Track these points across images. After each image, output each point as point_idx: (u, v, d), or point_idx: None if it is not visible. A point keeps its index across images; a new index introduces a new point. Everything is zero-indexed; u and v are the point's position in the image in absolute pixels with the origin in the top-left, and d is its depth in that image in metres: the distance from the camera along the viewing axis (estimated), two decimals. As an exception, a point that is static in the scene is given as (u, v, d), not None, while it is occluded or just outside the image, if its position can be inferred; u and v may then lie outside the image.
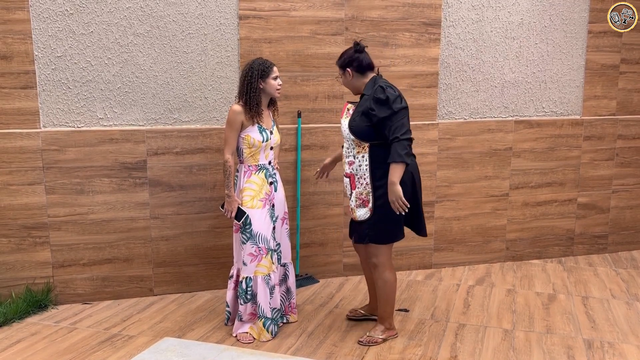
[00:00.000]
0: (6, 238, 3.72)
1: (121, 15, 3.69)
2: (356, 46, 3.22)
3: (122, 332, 3.47)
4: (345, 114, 3.28)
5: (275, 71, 3.30)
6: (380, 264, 3.24)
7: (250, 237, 3.30)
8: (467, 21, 4.34)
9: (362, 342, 3.32)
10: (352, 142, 3.19)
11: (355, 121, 3.14)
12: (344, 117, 3.27)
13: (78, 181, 3.76)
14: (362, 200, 3.21)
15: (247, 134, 3.27)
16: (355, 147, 3.19)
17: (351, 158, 3.22)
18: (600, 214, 4.91)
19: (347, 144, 3.24)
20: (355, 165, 3.20)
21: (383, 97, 3.05)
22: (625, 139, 4.86)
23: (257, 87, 3.25)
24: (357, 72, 3.21)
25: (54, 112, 3.70)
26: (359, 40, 3.26)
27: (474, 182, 4.54)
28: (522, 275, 4.45)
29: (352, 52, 3.21)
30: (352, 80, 3.23)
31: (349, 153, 3.23)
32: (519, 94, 4.57)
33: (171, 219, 3.95)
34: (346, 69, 3.21)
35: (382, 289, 3.28)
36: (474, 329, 3.54)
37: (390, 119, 3.02)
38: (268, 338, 3.35)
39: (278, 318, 3.43)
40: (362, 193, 3.20)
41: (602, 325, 3.60)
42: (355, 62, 3.20)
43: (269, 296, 3.33)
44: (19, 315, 3.61)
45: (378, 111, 3.04)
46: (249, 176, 3.33)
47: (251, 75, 3.25)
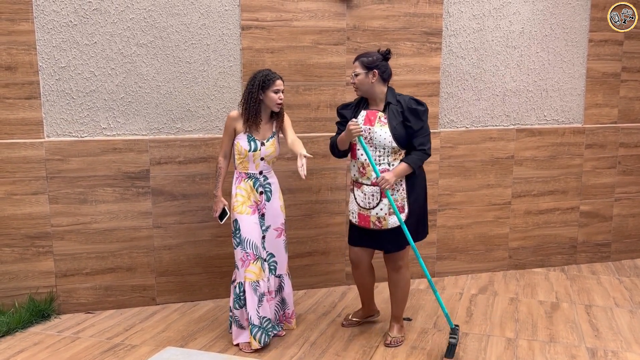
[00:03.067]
0: (9, 247, 3.73)
1: (124, 26, 3.72)
2: (387, 53, 3.25)
3: (124, 341, 3.47)
4: (377, 121, 3.21)
5: (278, 85, 3.28)
6: (405, 266, 3.38)
7: (240, 242, 3.32)
8: (468, 30, 4.36)
9: (391, 344, 3.40)
10: (389, 149, 3.19)
11: (397, 130, 3.17)
12: (377, 125, 3.20)
13: (81, 191, 3.78)
14: (397, 206, 3.23)
15: (237, 141, 3.34)
16: (391, 154, 3.20)
17: (385, 165, 3.20)
18: (602, 222, 4.90)
19: (380, 152, 3.20)
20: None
21: (421, 108, 3.20)
22: (627, 147, 4.86)
23: (256, 98, 3.27)
24: (380, 77, 3.22)
25: (58, 122, 3.72)
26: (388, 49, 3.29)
27: (476, 191, 4.55)
28: (525, 284, 4.44)
29: (381, 57, 3.23)
30: (373, 83, 3.21)
31: (382, 161, 3.20)
32: (520, 103, 4.58)
33: (174, 228, 3.96)
34: (373, 70, 3.20)
35: (404, 289, 3.41)
36: (477, 337, 3.53)
37: (422, 130, 3.20)
38: (256, 347, 3.31)
39: (269, 327, 3.39)
40: (398, 199, 3.23)
41: (606, 334, 3.58)
42: (383, 68, 3.22)
43: (256, 303, 3.31)
44: (22, 324, 3.61)
45: (414, 123, 3.18)
46: (239, 182, 3.38)
47: (252, 85, 3.28)
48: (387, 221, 3.23)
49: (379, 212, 3.23)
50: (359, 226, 3.34)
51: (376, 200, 3.23)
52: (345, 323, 3.67)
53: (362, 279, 3.53)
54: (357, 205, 3.32)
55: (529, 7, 4.46)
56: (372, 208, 3.25)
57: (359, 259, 3.45)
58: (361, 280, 3.54)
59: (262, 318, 3.34)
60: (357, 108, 3.33)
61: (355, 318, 3.68)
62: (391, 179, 3.13)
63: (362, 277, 3.51)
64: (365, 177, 3.25)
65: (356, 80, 3.23)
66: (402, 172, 3.17)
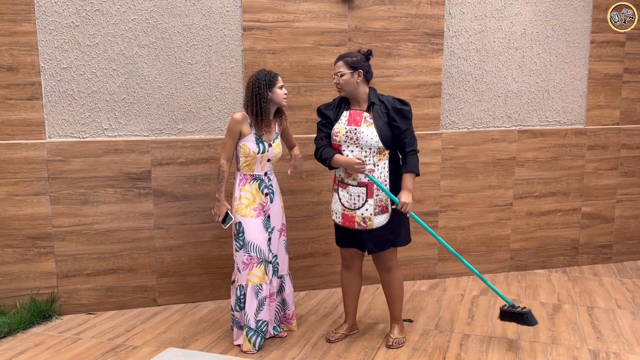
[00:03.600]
0: (11, 248, 3.73)
1: (126, 27, 3.72)
2: (368, 54, 3.26)
3: (126, 342, 3.47)
4: (363, 122, 3.20)
5: (280, 80, 3.34)
6: (395, 265, 3.39)
7: (243, 245, 3.31)
8: (470, 31, 4.36)
9: (393, 345, 3.40)
10: (375, 150, 3.19)
11: (383, 130, 3.18)
12: (363, 125, 3.19)
13: (83, 191, 3.78)
14: (381, 207, 3.22)
15: (244, 143, 3.30)
16: (376, 154, 3.20)
17: (371, 166, 3.20)
18: (604, 223, 4.89)
19: (366, 152, 3.20)
20: (377, 173, 3.20)
21: (407, 108, 3.22)
22: (629, 148, 4.86)
23: (266, 97, 3.28)
24: (364, 77, 3.23)
25: (59, 123, 3.73)
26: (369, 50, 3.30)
27: (478, 192, 4.54)
28: (526, 285, 4.43)
29: (364, 58, 3.24)
30: (358, 83, 3.22)
31: (368, 161, 3.20)
32: (522, 104, 4.58)
33: (175, 229, 3.96)
34: (358, 70, 3.20)
35: (398, 289, 3.43)
36: (479, 339, 3.53)
37: (409, 131, 3.23)
38: (249, 349, 3.29)
39: (264, 330, 3.37)
40: (382, 200, 3.22)
41: (608, 336, 3.58)
42: (367, 68, 3.24)
43: (255, 307, 3.30)
44: (23, 325, 3.61)
45: (401, 123, 3.20)
46: (243, 185, 3.36)
47: (259, 86, 3.26)
48: (372, 221, 3.22)
49: (365, 213, 3.22)
50: (342, 227, 3.33)
51: (362, 201, 3.22)
52: (332, 339, 3.46)
53: (351, 282, 3.46)
54: (341, 206, 3.29)
55: (530, 9, 4.46)
56: (358, 209, 3.24)
57: (351, 260, 3.43)
58: (349, 284, 3.46)
59: (259, 322, 3.32)
60: (338, 108, 3.31)
61: (342, 331, 3.51)
62: (409, 199, 3.19)
63: (351, 279, 3.45)
64: (352, 178, 3.23)
65: (341, 80, 3.21)
66: (411, 184, 3.24)
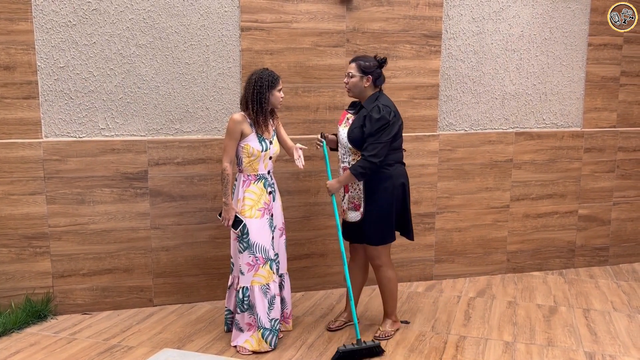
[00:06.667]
0: (6, 248, 3.72)
1: (124, 27, 3.72)
2: (382, 61, 3.38)
3: (121, 342, 3.45)
4: (344, 122, 3.43)
5: (281, 84, 3.37)
6: (384, 263, 3.48)
7: (248, 246, 3.30)
8: (468, 33, 4.36)
9: (379, 337, 3.50)
10: (349, 149, 3.37)
11: (353, 132, 3.33)
12: (342, 125, 3.43)
13: (79, 191, 3.77)
14: (354, 204, 3.43)
15: (247, 143, 3.29)
16: (351, 154, 3.38)
17: (346, 164, 3.40)
18: (601, 226, 4.90)
19: (344, 151, 3.42)
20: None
21: (376, 116, 3.26)
22: (626, 151, 4.87)
23: (267, 97, 3.28)
24: (373, 83, 3.36)
25: (56, 122, 3.71)
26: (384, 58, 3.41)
27: (475, 194, 4.54)
28: (523, 287, 4.44)
29: (377, 65, 3.36)
30: (365, 88, 3.35)
31: (345, 159, 3.42)
32: (519, 106, 4.58)
33: (172, 230, 3.95)
34: (368, 75, 3.33)
35: (387, 286, 3.52)
36: (475, 341, 3.53)
37: (373, 138, 3.25)
38: (266, 349, 3.33)
39: (278, 329, 3.41)
40: (355, 197, 3.42)
41: (604, 338, 3.58)
42: (377, 75, 3.37)
43: (267, 306, 3.32)
44: (18, 325, 3.60)
45: (368, 127, 3.27)
46: (247, 185, 3.34)
47: (261, 85, 3.27)
48: (347, 214, 3.47)
49: (344, 205, 3.50)
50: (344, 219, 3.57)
51: (342, 193, 3.50)
52: (333, 327, 3.63)
53: (354, 273, 3.63)
54: None
55: (528, 11, 4.46)
56: (342, 199, 3.51)
57: (353, 252, 3.63)
58: (352, 274, 3.61)
59: (272, 320, 3.34)
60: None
61: (342, 319, 3.68)
62: (332, 186, 3.39)
63: (354, 270, 3.63)
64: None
65: (350, 81, 3.37)
66: (345, 179, 3.36)
